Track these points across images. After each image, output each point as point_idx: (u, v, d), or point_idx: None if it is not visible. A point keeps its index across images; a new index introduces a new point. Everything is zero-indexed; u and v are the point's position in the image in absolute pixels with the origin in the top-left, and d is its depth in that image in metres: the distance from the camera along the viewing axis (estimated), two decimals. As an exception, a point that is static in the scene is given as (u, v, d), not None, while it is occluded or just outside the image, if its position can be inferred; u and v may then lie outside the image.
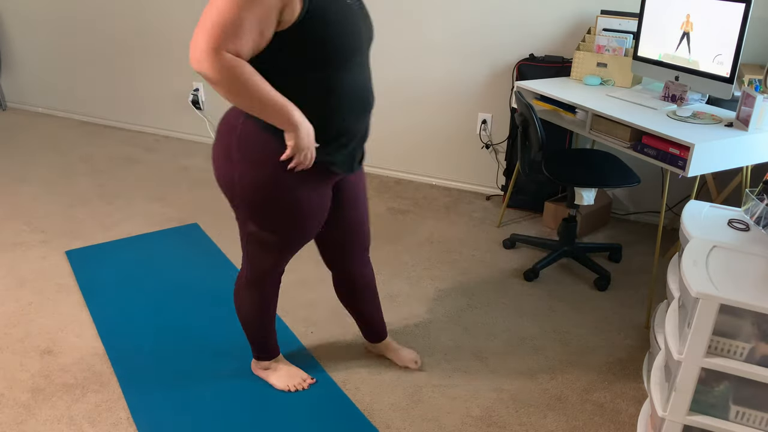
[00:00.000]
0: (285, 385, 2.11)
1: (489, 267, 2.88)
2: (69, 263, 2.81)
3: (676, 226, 3.26)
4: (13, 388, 2.08)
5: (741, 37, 2.34)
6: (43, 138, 4.32)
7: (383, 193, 3.63)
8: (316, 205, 1.74)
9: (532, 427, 1.99)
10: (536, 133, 2.54)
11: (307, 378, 2.14)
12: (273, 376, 2.13)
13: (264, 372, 2.15)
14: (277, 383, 2.11)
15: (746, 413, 1.48)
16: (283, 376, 2.12)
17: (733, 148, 2.26)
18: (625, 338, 2.42)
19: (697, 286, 1.41)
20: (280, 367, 2.14)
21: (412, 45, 3.52)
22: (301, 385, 2.12)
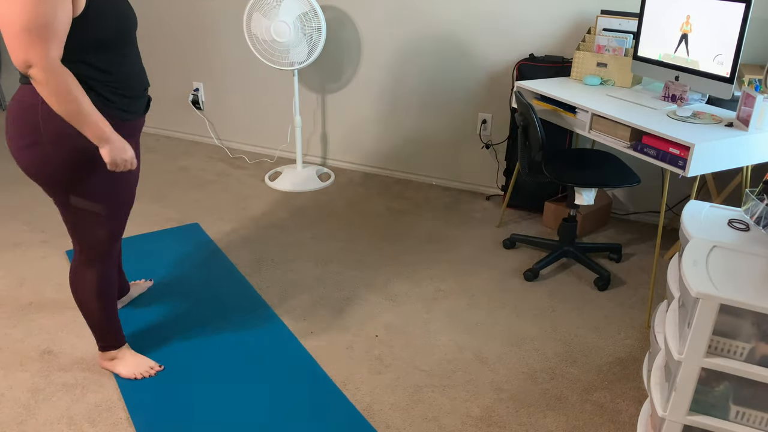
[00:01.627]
0: (132, 374, 2.11)
1: (489, 267, 2.88)
2: (69, 263, 2.81)
3: (676, 226, 3.26)
4: (13, 388, 2.08)
5: (741, 37, 2.34)
6: (43, 138, 4.32)
7: (383, 193, 3.63)
8: None
9: (532, 427, 1.99)
10: (536, 133, 2.54)
11: (154, 366, 2.15)
12: (119, 365, 2.12)
13: (110, 363, 2.13)
14: (123, 372, 2.11)
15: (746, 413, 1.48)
16: (130, 364, 2.12)
17: (733, 148, 2.26)
18: (625, 338, 2.42)
19: (697, 286, 1.41)
20: (126, 355, 2.14)
21: (413, 45, 3.52)
22: (149, 372, 2.12)
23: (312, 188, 3.66)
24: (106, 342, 2.11)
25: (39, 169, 1.76)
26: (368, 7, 3.54)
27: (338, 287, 2.69)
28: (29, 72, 1.57)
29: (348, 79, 3.75)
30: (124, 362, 2.13)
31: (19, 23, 1.51)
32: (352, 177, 3.86)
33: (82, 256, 1.93)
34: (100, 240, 1.91)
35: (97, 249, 1.92)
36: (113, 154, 1.72)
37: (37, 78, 1.57)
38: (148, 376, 2.13)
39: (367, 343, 2.34)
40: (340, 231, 3.18)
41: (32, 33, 1.52)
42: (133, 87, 1.81)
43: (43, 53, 1.54)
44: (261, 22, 3.31)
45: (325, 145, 3.99)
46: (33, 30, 1.52)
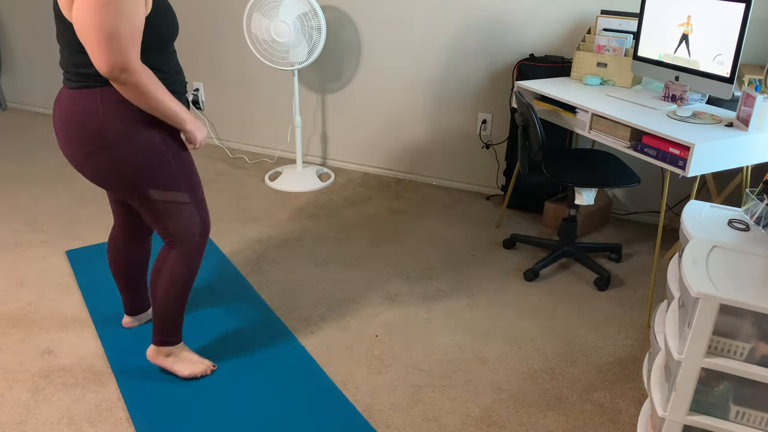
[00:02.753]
0: (191, 373, 2.09)
1: (489, 267, 2.88)
2: (69, 263, 2.81)
3: (676, 226, 3.26)
4: (13, 388, 2.08)
5: (741, 37, 2.34)
6: (43, 138, 4.32)
7: (383, 193, 3.63)
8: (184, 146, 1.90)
9: (532, 427, 1.99)
10: (536, 133, 2.54)
11: (210, 365, 2.14)
12: (177, 363, 2.10)
13: (166, 360, 2.10)
14: (182, 370, 2.09)
15: (746, 413, 1.48)
16: (189, 362, 2.11)
17: (733, 148, 2.26)
18: (625, 338, 2.42)
19: (697, 286, 1.41)
20: (183, 353, 2.12)
21: (413, 45, 3.52)
22: (206, 371, 2.12)
23: (312, 188, 3.66)
24: (168, 336, 2.08)
25: (111, 173, 1.77)
26: (368, 7, 3.54)
27: (338, 287, 2.69)
28: (118, 77, 1.59)
29: (348, 79, 3.75)
30: (182, 360, 2.11)
31: (108, 29, 1.54)
32: (352, 177, 3.86)
33: (180, 249, 1.93)
34: (195, 230, 1.92)
35: (193, 240, 1.93)
36: (195, 132, 1.81)
37: (127, 82, 1.61)
38: (206, 375, 2.11)
39: (367, 343, 2.34)
40: (341, 231, 3.18)
41: (121, 38, 1.56)
42: (180, 83, 1.87)
43: (133, 56, 1.60)
44: (261, 22, 3.31)
45: (325, 145, 3.99)
46: (122, 35, 1.56)
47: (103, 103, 1.71)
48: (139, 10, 1.60)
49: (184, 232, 1.91)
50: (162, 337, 2.08)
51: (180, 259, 1.95)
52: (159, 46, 1.74)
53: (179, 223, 1.89)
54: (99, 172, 1.78)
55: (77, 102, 1.73)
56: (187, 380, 2.10)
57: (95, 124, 1.72)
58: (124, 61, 1.58)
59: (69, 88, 1.76)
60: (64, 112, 1.76)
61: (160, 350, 2.10)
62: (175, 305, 2.03)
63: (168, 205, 1.85)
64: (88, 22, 1.55)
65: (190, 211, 1.90)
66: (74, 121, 1.74)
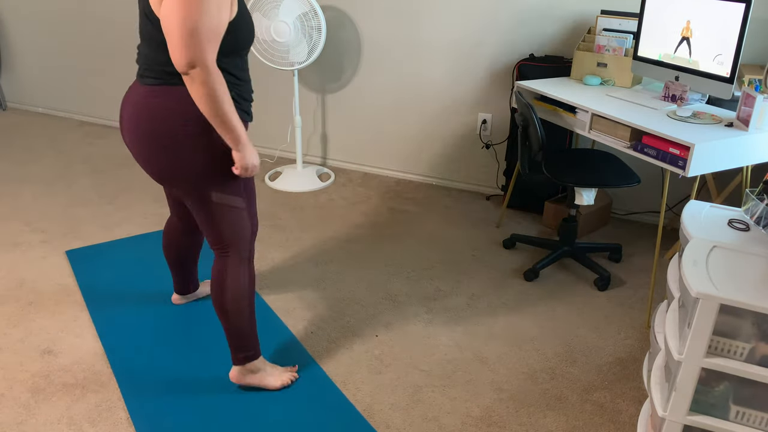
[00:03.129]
0: (281, 383, 2.08)
1: (489, 267, 2.88)
2: (69, 263, 2.81)
3: (676, 226, 3.26)
4: (13, 388, 2.08)
5: (741, 38, 2.34)
6: (43, 138, 4.32)
7: (383, 193, 3.63)
8: None
9: (532, 427, 1.99)
10: (536, 133, 2.54)
11: (292, 369, 2.14)
12: (267, 377, 2.07)
13: (255, 377, 2.06)
14: (274, 383, 2.07)
15: (746, 413, 1.48)
16: (275, 374, 2.09)
17: (733, 148, 2.26)
18: (625, 338, 2.42)
19: (697, 286, 1.41)
20: (267, 365, 2.10)
21: (413, 45, 3.52)
22: (293, 377, 2.11)
23: (312, 188, 3.66)
24: (250, 351, 2.03)
25: (177, 171, 1.77)
26: (368, 7, 3.54)
27: (338, 287, 2.69)
28: (191, 72, 1.59)
29: (348, 79, 3.75)
30: (269, 373, 2.07)
31: (190, 25, 1.55)
32: (352, 177, 3.86)
33: (234, 255, 1.92)
34: (247, 235, 1.92)
35: (247, 245, 1.93)
36: (247, 158, 1.75)
37: (198, 79, 1.60)
38: (294, 380, 2.11)
39: (367, 343, 2.34)
40: (340, 231, 3.18)
41: (201, 35, 1.56)
42: (250, 91, 1.87)
43: (209, 55, 1.60)
44: (261, 22, 3.31)
45: (325, 145, 3.99)
46: (202, 32, 1.57)
47: (180, 102, 1.72)
48: (222, 12, 1.61)
49: (236, 237, 1.91)
50: (244, 354, 2.03)
51: (236, 266, 1.94)
52: (237, 51, 1.75)
53: (232, 228, 1.89)
54: (165, 169, 1.78)
55: (153, 98, 1.74)
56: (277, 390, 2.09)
57: (168, 121, 1.73)
58: (200, 58, 1.58)
59: (144, 84, 1.77)
60: (136, 107, 1.77)
61: (245, 368, 2.05)
62: (248, 316, 2.00)
63: (224, 209, 1.85)
64: (172, 17, 1.56)
65: (243, 216, 1.90)
66: (147, 117, 1.74)
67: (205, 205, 1.85)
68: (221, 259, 1.94)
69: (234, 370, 2.06)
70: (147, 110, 1.75)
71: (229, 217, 1.88)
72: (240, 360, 2.04)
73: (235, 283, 1.94)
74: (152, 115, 1.74)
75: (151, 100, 1.74)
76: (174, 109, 1.73)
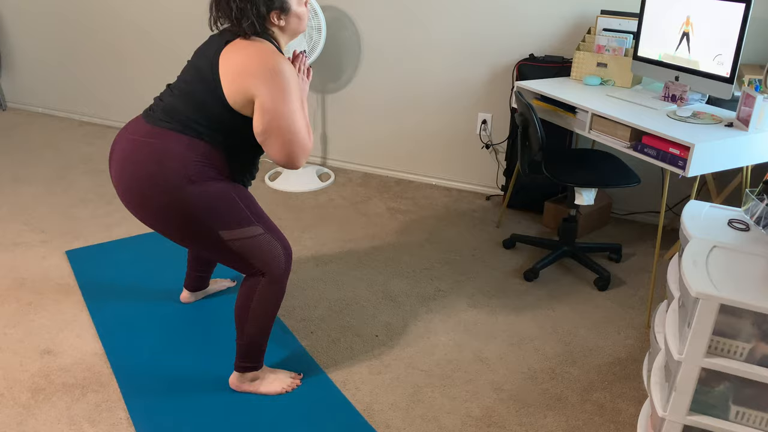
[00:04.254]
0: (281, 388, 2.07)
1: (489, 267, 2.88)
2: (69, 263, 2.81)
3: (676, 226, 3.26)
4: (13, 388, 2.08)
5: (741, 37, 2.34)
6: (43, 138, 4.32)
7: (383, 193, 3.63)
8: None
9: (532, 427, 1.99)
10: (536, 133, 2.54)
11: (295, 375, 2.13)
12: (263, 385, 2.07)
13: (251, 384, 2.07)
14: (270, 389, 2.06)
15: (746, 413, 1.48)
16: (275, 380, 2.08)
17: (733, 148, 2.26)
18: (625, 338, 2.42)
19: (697, 286, 1.41)
20: (266, 374, 2.10)
21: (413, 45, 3.52)
22: (293, 384, 2.10)
23: (312, 188, 3.66)
24: (255, 362, 2.04)
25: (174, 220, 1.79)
26: (368, 7, 3.54)
27: (338, 287, 2.69)
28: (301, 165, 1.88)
29: (348, 79, 3.75)
30: (267, 381, 2.08)
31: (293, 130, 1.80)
32: (352, 177, 3.86)
33: (267, 276, 1.92)
34: (280, 255, 1.92)
35: (279, 265, 1.92)
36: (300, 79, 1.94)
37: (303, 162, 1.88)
38: (296, 386, 2.10)
39: (367, 343, 2.34)
40: (340, 231, 3.18)
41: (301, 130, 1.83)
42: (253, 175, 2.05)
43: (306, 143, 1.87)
44: (261, 22, 3.31)
45: (325, 145, 3.99)
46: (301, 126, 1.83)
47: (186, 148, 1.77)
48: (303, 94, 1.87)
49: (268, 261, 1.90)
50: (249, 363, 2.04)
51: (269, 285, 1.93)
52: None
53: (263, 255, 1.89)
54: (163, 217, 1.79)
55: (157, 139, 1.77)
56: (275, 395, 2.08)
57: (168, 165, 1.75)
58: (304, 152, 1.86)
59: (154, 125, 1.80)
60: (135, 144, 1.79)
61: (245, 376, 2.06)
62: (265, 332, 2.00)
63: (242, 243, 1.85)
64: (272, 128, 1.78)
65: (268, 239, 1.89)
66: (150, 160, 1.76)
67: (220, 246, 1.84)
68: (255, 280, 1.93)
69: (234, 377, 2.07)
70: (148, 149, 1.76)
71: (250, 247, 1.86)
72: (242, 368, 2.05)
73: (264, 304, 1.95)
74: (150, 156, 1.76)
75: (156, 140, 1.76)
76: (176, 154, 1.75)
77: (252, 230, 1.85)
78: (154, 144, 1.77)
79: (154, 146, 1.77)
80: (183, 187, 1.76)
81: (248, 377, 2.06)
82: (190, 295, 2.51)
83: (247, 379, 2.06)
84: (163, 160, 1.76)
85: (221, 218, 1.81)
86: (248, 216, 1.86)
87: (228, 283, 2.63)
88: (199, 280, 2.48)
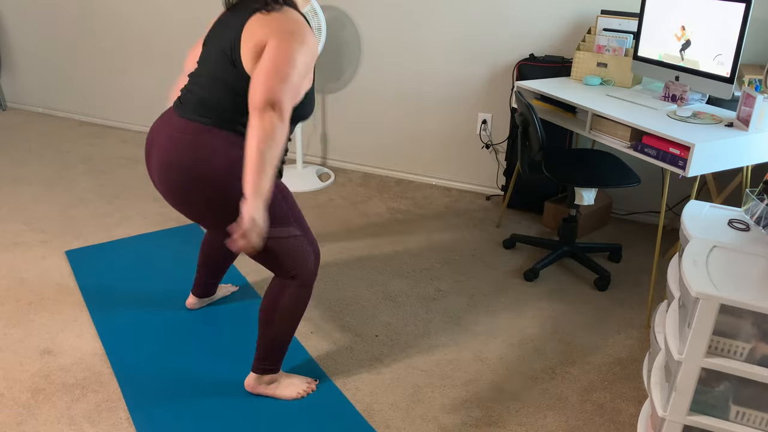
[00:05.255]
0: (297, 393, 2.06)
1: (489, 267, 2.88)
2: (69, 263, 2.81)
3: (676, 226, 3.26)
4: (13, 388, 2.08)
5: (741, 37, 2.34)
6: (43, 138, 4.32)
7: (383, 193, 3.63)
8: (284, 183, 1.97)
9: (532, 427, 1.99)
10: (536, 133, 2.54)
11: (311, 381, 2.11)
12: (280, 389, 2.06)
13: (268, 387, 2.06)
14: (288, 394, 2.05)
15: (746, 413, 1.48)
16: (290, 385, 2.07)
17: (733, 148, 2.26)
18: (625, 338, 2.42)
19: (697, 286, 1.41)
20: (282, 377, 2.09)
21: (413, 45, 3.52)
22: (309, 389, 2.08)
23: (312, 188, 3.66)
24: (275, 365, 2.03)
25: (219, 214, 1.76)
26: (368, 7, 3.54)
27: (338, 287, 2.69)
28: (266, 112, 1.61)
29: (348, 79, 3.75)
30: (284, 385, 2.06)
31: (282, 73, 1.62)
32: (352, 177, 3.86)
33: (297, 280, 1.90)
34: (311, 261, 1.90)
35: (309, 270, 1.91)
36: (255, 214, 1.62)
37: (268, 120, 1.61)
38: (311, 391, 2.09)
39: (367, 343, 2.34)
40: (340, 231, 3.18)
41: (287, 84, 1.63)
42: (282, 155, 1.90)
43: (288, 104, 1.64)
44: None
45: (325, 145, 3.99)
46: (289, 83, 1.63)
47: (226, 144, 1.72)
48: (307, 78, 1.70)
49: (300, 264, 1.89)
50: (268, 366, 2.02)
51: (297, 289, 1.92)
52: (295, 119, 1.79)
53: (296, 258, 1.87)
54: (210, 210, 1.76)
55: (197, 134, 1.73)
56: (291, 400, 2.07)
57: (211, 161, 1.71)
58: (281, 100, 1.62)
59: (188, 119, 1.75)
60: (173, 141, 1.75)
61: (262, 378, 2.04)
62: (289, 334, 1.99)
63: (279, 242, 1.83)
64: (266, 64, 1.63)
65: (301, 243, 1.87)
66: (187, 152, 1.72)
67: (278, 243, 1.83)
68: (283, 283, 1.91)
69: (251, 378, 2.05)
70: (185, 146, 1.73)
71: (285, 248, 1.85)
72: (261, 369, 2.03)
73: (292, 304, 1.93)
74: (190, 152, 1.72)
75: (195, 136, 1.72)
76: (219, 150, 1.71)
77: (289, 230, 1.84)
78: (192, 140, 1.72)
79: (192, 142, 1.72)
80: (226, 183, 1.72)
81: (265, 380, 2.05)
82: (197, 301, 2.48)
83: (264, 381, 2.05)
84: (202, 156, 1.71)
85: (271, 219, 1.79)
86: (288, 216, 1.84)
87: (232, 288, 2.62)
88: (209, 287, 2.45)
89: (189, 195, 1.75)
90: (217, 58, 1.74)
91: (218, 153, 1.72)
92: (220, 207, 1.75)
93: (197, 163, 1.71)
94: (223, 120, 1.73)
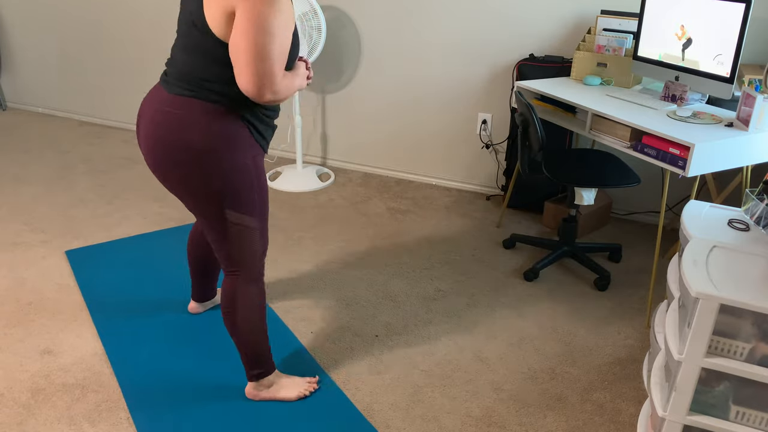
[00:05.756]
0: (298, 393, 2.05)
1: (489, 267, 2.88)
2: (69, 263, 2.81)
3: (676, 226, 3.26)
4: (13, 388, 2.08)
5: (741, 37, 2.34)
6: (43, 138, 4.32)
7: (383, 193, 3.63)
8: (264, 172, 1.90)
9: (532, 427, 1.99)
10: (536, 133, 2.54)
11: (311, 380, 2.11)
12: (282, 391, 2.05)
13: (269, 391, 2.05)
14: (290, 395, 2.05)
15: (746, 413, 1.48)
16: (291, 385, 2.07)
17: (733, 148, 2.26)
18: (625, 338, 2.42)
19: (697, 286, 1.41)
20: (281, 378, 2.08)
21: (413, 45, 3.52)
22: (310, 387, 2.08)
23: (312, 188, 3.66)
24: (264, 368, 2.02)
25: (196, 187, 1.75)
26: (368, 7, 3.54)
27: (338, 287, 2.69)
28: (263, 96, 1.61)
29: (348, 79, 3.75)
30: (284, 386, 2.06)
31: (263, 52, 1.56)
32: (352, 177, 3.86)
33: (244, 275, 1.89)
34: (258, 255, 1.90)
35: (257, 265, 1.90)
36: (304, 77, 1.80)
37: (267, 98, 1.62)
38: (313, 390, 2.09)
39: (367, 343, 2.34)
40: (340, 231, 3.18)
41: (272, 59, 1.58)
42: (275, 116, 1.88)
43: (278, 78, 1.62)
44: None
45: (325, 145, 3.99)
46: (273, 57, 1.58)
47: (207, 117, 1.70)
48: (288, 30, 1.62)
49: (245, 257, 1.88)
50: (259, 370, 2.02)
51: (247, 284, 1.91)
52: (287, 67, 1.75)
53: (242, 248, 1.86)
54: (184, 184, 1.76)
55: (179, 109, 1.71)
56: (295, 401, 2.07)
57: (190, 135, 1.70)
58: (270, 84, 1.60)
59: (172, 93, 1.73)
60: (158, 115, 1.74)
61: (260, 384, 2.04)
62: (260, 333, 1.97)
63: (237, 228, 1.82)
64: (243, 43, 1.56)
65: (255, 236, 1.87)
66: (169, 127, 1.72)
67: (218, 224, 1.82)
68: (231, 279, 1.91)
69: (249, 387, 2.05)
70: (171, 120, 1.72)
71: (240, 237, 1.84)
72: (254, 376, 2.03)
73: (246, 302, 1.92)
74: (175, 126, 1.71)
75: (177, 110, 1.71)
76: (199, 124, 1.70)
77: (246, 220, 1.83)
78: (175, 113, 1.72)
79: (175, 115, 1.71)
80: (207, 155, 1.71)
81: (264, 384, 2.04)
82: (198, 305, 2.47)
83: (264, 386, 2.04)
84: (184, 129, 1.71)
85: (234, 197, 1.78)
86: (254, 207, 1.83)
87: None
88: (204, 290, 2.44)
89: (170, 168, 1.75)
90: (187, 29, 1.71)
91: (196, 126, 1.70)
92: (200, 183, 1.74)
93: (179, 137, 1.71)
94: (206, 90, 1.71)
